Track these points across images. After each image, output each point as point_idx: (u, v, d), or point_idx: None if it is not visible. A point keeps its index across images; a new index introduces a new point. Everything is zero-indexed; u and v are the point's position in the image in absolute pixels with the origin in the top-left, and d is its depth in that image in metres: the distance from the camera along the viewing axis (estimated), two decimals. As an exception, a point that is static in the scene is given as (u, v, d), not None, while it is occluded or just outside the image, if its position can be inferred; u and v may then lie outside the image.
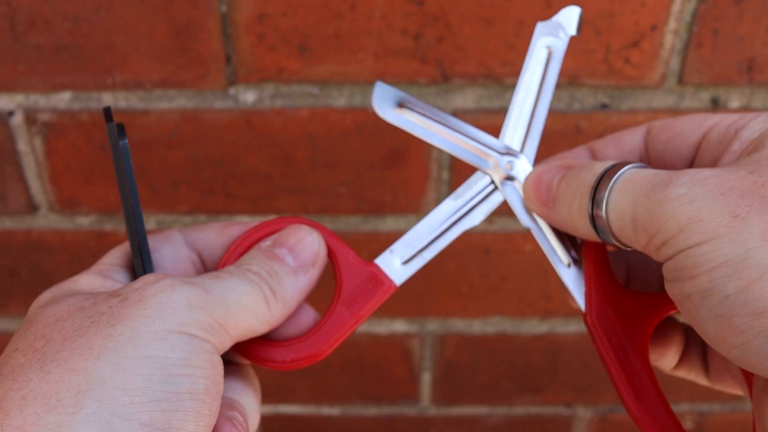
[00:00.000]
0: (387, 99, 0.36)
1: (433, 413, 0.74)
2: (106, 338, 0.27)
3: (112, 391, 0.26)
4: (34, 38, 0.50)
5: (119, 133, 0.32)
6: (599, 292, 0.35)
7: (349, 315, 0.35)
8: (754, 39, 0.50)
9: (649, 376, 0.34)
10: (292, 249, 0.34)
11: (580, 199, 0.32)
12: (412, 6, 0.49)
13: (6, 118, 0.54)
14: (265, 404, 0.73)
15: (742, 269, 0.25)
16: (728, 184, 0.27)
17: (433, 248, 0.36)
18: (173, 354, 0.28)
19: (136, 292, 0.29)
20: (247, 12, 0.50)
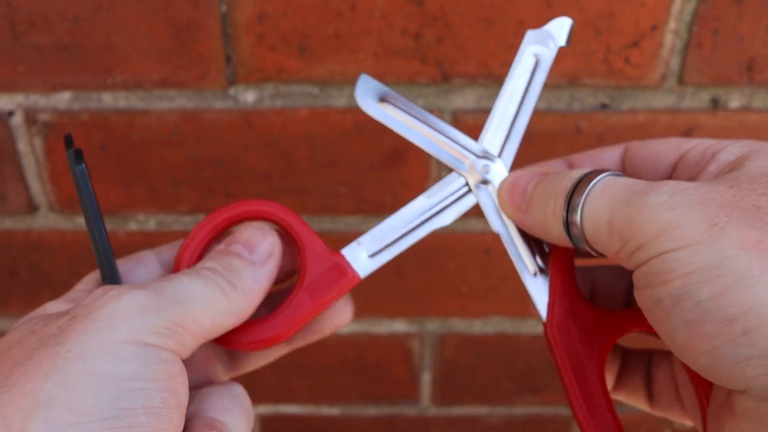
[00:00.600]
0: (370, 92, 0.36)
1: (433, 413, 0.74)
2: (54, 357, 0.26)
3: (60, 411, 0.25)
4: (34, 38, 0.50)
5: (77, 159, 0.31)
6: (562, 304, 0.35)
7: (310, 302, 0.35)
8: (754, 39, 0.50)
9: (604, 393, 0.34)
10: (247, 244, 0.34)
11: (555, 202, 0.32)
12: (412, 6, 0.49)
13: (6, 118, 0.54)
14: (264, 404, 0.73)
15: (717, 276, 0.25)
16: (708, 195, 0.27)
17: (401, 244, 0.36)
18: (124, 368, 0.27)
19: (84, 308, 0.28)
20: (247, 12, 0.50)
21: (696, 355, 0.26)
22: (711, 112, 0.54)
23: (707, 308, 0.25)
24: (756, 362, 0.24)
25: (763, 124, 0.54)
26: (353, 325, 0.66)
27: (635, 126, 0.54)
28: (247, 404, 0.34)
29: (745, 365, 0.25)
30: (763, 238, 0.25)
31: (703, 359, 0.26)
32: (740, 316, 0.24)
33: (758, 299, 0.24)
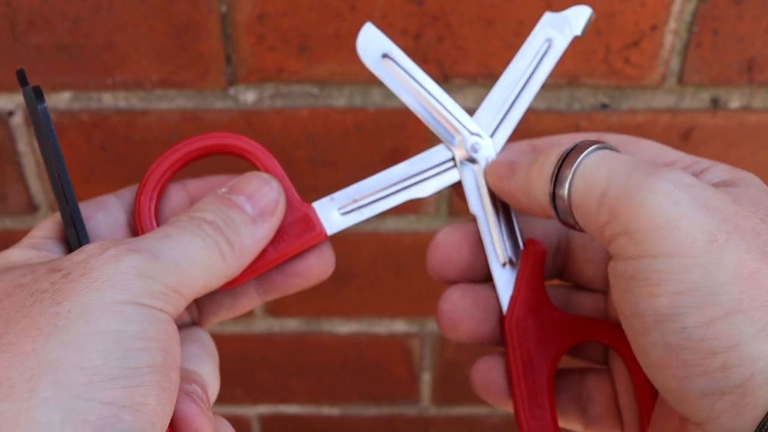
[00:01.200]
0: (373, 45, 0.34)
1: (433, 413, 0.74)
2: (55, 316, 0.25)
3: (68, 371, 0.24)
4: (34, 38, 0.50)
5: (36, 97, 0.29)
6: (525, 300, 0.34)
7: (272, 251, 0.33)
8: (754, 39, 0.51)
9: (549, 396, 0.33)
10: (251, 197, 0.32)
11: (543, 161, 0.30)
12: (412, 6, 0.49)
13: (6, 118, 0.54)
14: (264, 404, 0.73)
15: (708, 303, 0.24)
16: (713, 201, 0.26)
17: (375, 207, 0.35)
18: (129, 327, 0.26)
19: (79, 265, 0.27)
20: (247, 12, 0.50)
21: (667, 377, 0.25)
22: (711, 112, 0.54)
23: (691, 336, 0.24)
24: (726, 398, 0.24)
25: (763, 124, 0.54)
26: (353, 325, 0.66)
27: (635, 126, 0.54)
28: (213, 349, 0.34)
29: (716, 399, 0.24)
30: (758, 268, 0.24)
31: (674, 383, 0.25)
32: (724, 351, 0.24)
33: (742, 337, 0.24)
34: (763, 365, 0.24)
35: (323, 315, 0.66)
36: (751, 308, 0.24)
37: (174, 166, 0.34)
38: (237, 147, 0.34)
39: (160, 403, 0.26)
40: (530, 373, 0.33)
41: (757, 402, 0.23)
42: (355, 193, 0.35)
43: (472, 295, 0.35)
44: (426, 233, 0.59)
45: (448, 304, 0.35)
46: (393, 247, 0.60)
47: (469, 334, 0.35)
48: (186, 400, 0.29)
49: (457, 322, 0.35)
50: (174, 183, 0.35)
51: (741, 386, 0.24)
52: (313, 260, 0.35)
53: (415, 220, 0.58)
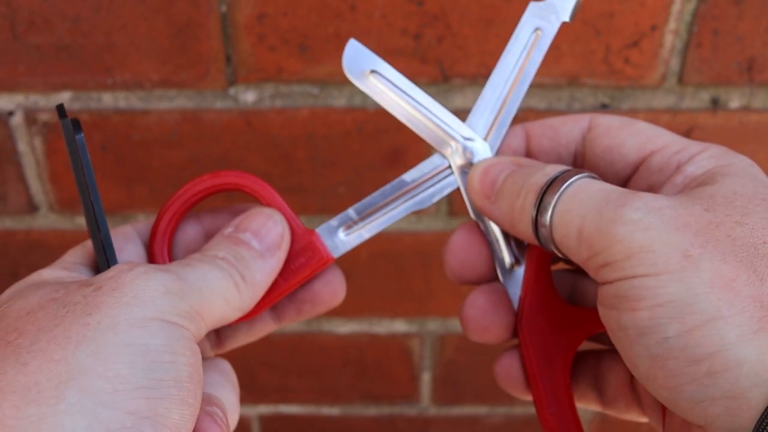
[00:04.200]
0: (358, 61, 0.34)
1: (433, 413, 0.74)
2: (84, 327, 0.26)
3: (94, 379, 0.25)
4: (34, 38, 0.50)
5: (75, 128, 0.31)
6: (534, 298, 0.34)
7: (281, 281, 0.34)
8: (754, 39, 0.51)
9: (566, 390, 0.33)
10: (257, 233, 0.33)
11: (524, 198, 0.31)
12: (412, 6, 0.49)
13: (6, 118, 0.54)
14: (264, 404, 0.73)
15: (686, 313, 0.25)
16: (684, 219, 0.26)
17: (378, 224, 0.35)
18: (155, 341, 0.27)
19: (111, 280, 0.28)
20: (247, 12, 0.50)
21: (658, 387, 0.26)
22: (711, 112, 0.54)
23: (674, 346, 0.25)
24: (718, 403, 0.24)
25: (763, 124, 0.54)
26: (353, 326, 0.66)
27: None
28: (234, 379, 0.35)
29: (707, 405, 0.25)
30: (735, 276, 0.25)
31: (665, 392, 0.26)
32: (706, 358, 0.24)
33: (725, 342, 0.24)
34: (747, 369, 0.24)
35: (323, 315, 0.66)
36: (731, 314, 0.24)
37: (184, 206, 0.35)
38: (236, 184, 0.35)
39: (183, 419, 0.27)
40: (546, 369, 0.34)
41: (750, 404, 0.24)
42: (356, 213, 0.35)
43: (494, 298, 0.35)
44: (426, 233, 0.59)
45: (473, 310, 0.36)
46: (393, 248, 0.60)
47: (496, 337, 0.36)
48: (208, 420, 0.30)
49: (485, 328, 0.35)
50: (189, 218, 0.36)
51: (730, 390, 0.24)
52: (320, 287, 0.36)
53: (415, 220, 0.58)
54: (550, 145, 0.34)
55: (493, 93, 0.34)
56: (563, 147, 0.34)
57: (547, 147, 0.34)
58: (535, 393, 0.34)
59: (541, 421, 0.33)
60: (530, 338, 0.34)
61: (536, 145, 0.35)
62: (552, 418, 0.33)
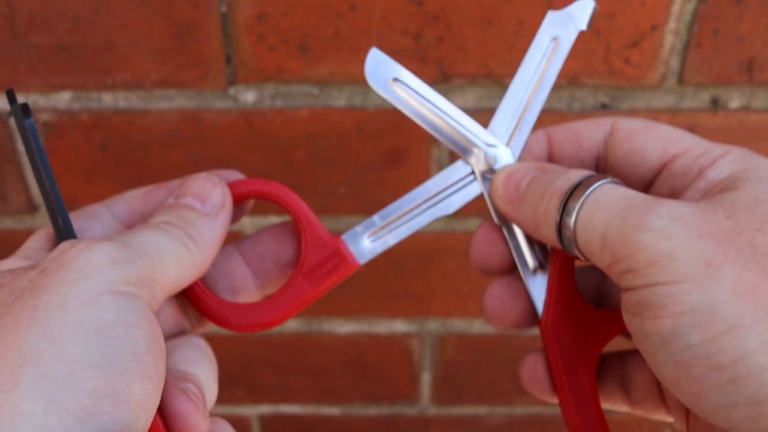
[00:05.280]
0: (380, 69, 0.35)
1: (433, 413, 0.74)
2: (34, 310, 0.26)
3: (49, 362, 0.25)
4: (34, 38, 0.50)
5: (24, 113, 0.31)
6: (558, 302, 0.34)
7: (308, 288, 0.34)
8: (754, 39, 0.51)
9: (592, 392, 0.34)
10: (198, 195, 0.33)
11: (548, 202, 0.31)
12: (412, 6, 0.49)
13: (6, 119, 0.54)
14: (265, 404, 0.73)
15: (708, 321, 0.25)
16: (706, 227, 0.26)
17: (403, 231, 0.35)
18: (107, 315, 0.26)
19: (55, 260, 0.27)
20: (247, 12, 0.50)
21: (682, 392, 0.26)
22: (711, 112, 0.54)
23: (697, 353, 0.25)
24: (741, 408, 0.25)
25: (763, 124, 0.54)
26: (353, 326, 0.66)
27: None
28: (210, 354, 0.34)
29: (731, 410, 0.25)
30: (756, 284, 0.25)
31: (689, 397, 0.26)
32: (729, 365, 0.25)
33: (747, 349, 0.24)
34: None
35: (323, 315, 0.66)
36: (753, 322, 0.24)
37: None
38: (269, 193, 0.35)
39: (145, 394, 0.26)
40: (572, 372, 0.34)
41: None
42: (381, 220, 0.35)
43: (512, 289, 0.36)
44: (426, 233, 0.59)
45: (492, 300, 0.36)
46: (393, 248, 0.60)
47: (515, 323, 0.36)
48: (181, 397, 0.29)
49: (504, 316, 0.36)
50: None
51: (753, 396, 0.24)
52: None
53: (415, 220, 0.58)
54: (573, 150, 0.35)
55: (514, 99, 0.35)
56: (585, 152, 0.34)
57: (570, 152, 0.35)
58: (561, 396, 0.34)
59: (567, 423, 0.34)
60: (556, 343, 0.34)
61: (558, 150, 0.35)
62: (579, 421, 0.34)
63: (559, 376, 0.34)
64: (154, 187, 0.35)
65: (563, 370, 0.34)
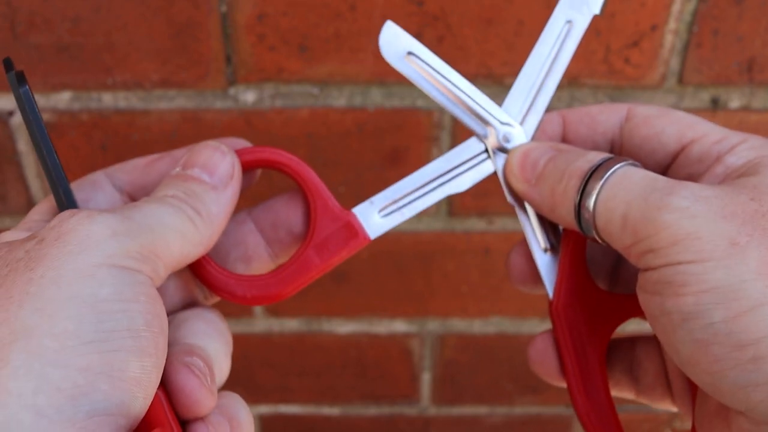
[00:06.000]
0: (395, 43, 0.34)
1: (433, 413, 0.74)
2: (27, 283, 0.24)
3: (40, 338, 0.24)
4: (33, 38, 0.50)
5: (19, 82, 0.29)
6: (569, 284, 0.34)
7: (318, 261, 0.34)
8: (754, 39, 0.51)
9: (602, 376, 0.34)
10: (206, 166, 0.31)
11: (567, 182, 0.31)
12: (412, 6, 0.49)
13: (6, 118, 0.54)
14: (265, 404, 0.73)
15: (732, 299, 0.25)
16: (730, 208, 0.26)
17: (415, 206, 0.35)
18: (103, 290, 0.25)
19: (53, 230, 0.26)
20: (247, 12, 0.50)
21: (700, 372, 0.26)
22: (711, 112, 0.54)
23: (719, 331, 0.25)
24: (761, 389, 0.24)
25: (763, 124, 0.54)
26: (353, 325, 0.66)
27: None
28: (222, 327, 0.33)
29: (750, 390, 0.25)
30: None
31: (707, 377, 0.26)
32: (752, 343, 0.24)
33: None
34: None
35: (323, 315, 0.66)
36: None
37: None
38: (279, 162, 0.35)
39: (143, 371, 0.25)
40: (582, 355, 0.34)
41: None
42: (393, 195, 0.35)
43: None
44: (426, 233, 0.59)
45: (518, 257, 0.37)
46: (393, 248, 0.60)
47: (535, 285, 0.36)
48: (184, 371, 0.28)
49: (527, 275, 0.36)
50: None
51: None
52: None
53: (416, 220, 0.58)
54: (587, 133, 0.35)
55: (527, 80, 0.35)
56: (600, 135, 0.34)
57: (584, 134, 0.35)
58: (570, 380, 0.34)
59: (575, 408, 0.34)
60: (566, 325, 0.34)
61: (573, 132, 0.35)
62: (587, 405, 0.33)
63: (569, 359, 0.34)
64: (158, 156, 0.33)
65: (573, 352, 0.34)
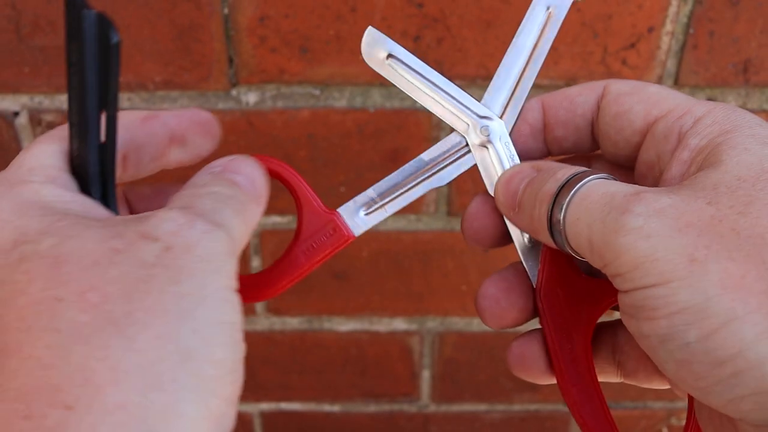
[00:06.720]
0: (376, 46, 0.35)
1: (432, 410, 0.74)
2: (178, 298, 0.23)
3: (201, 363, 0.23)
4: (38, 40, 0.51)
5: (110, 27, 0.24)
6: (552, 272, 0.34)
7: (304, 260, 0.35)
8: (750, 41, 0.51)
9: (588, 362, 0.34)
10: (249, 177, 0.31)
11: (539, 208, 0.31)
12: (412, 8, 0.50)
13: (11, 119, 0.54)
14: (266, 402, 0.73)
15: (702, 318, 0.25)
16: (685, 218, 0.26)
17: (397, 203, 0.36)
18: (237, 317, 0.24)
19: (176, 238, 0.24)
20: (248, 14, 0.50)
21: (688, 388, 0.26)
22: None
23: (696, 350, 0.25)
24: (748, 399, 0.25)
25: (759, 125, 0.54)
26: (354, 324, 0.67)
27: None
28: None
29: (738, 402, 0.25)
30: (744, 273, 0.24)
31: (696, 392, 0.26)
32: (729, 359, 0.24)
33: (745, 342, 0.24)
34: None
35: (324, 313, 0.66)
36: (746, 314, 0.24)
37: None
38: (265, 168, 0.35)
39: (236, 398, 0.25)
40: (567, 342, 0.34)
41: None
42: (376, 193, 0.36)
43: (505, 286, 0.35)
44: (426, 233, 0.60)
45: (485, 301, 0.35)
46: (393, 247, 0.60)
47: (513, 321, 0.35)
48: None
49: (500, 315, 0.35)
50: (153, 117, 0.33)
51: (757, 387, 0.24)
52: None
53: (415, 219, 0.59)
54: (567, 116, 0.34)
55: (508, 72, 0.35)
56: (580, 117, 0.34)
57: (564, 118, 0.34)
58: (557, 366, 0.34)
59: (564, 395, 0.34)
60: (549, 311, 0.34)
61: (553, 117, 0.35)
62: (574, 391, 0.34)
63: (554, 346, 0.34)
64: (149, 115, 0.31)
65: (557, 339, 0.34)
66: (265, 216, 0.59)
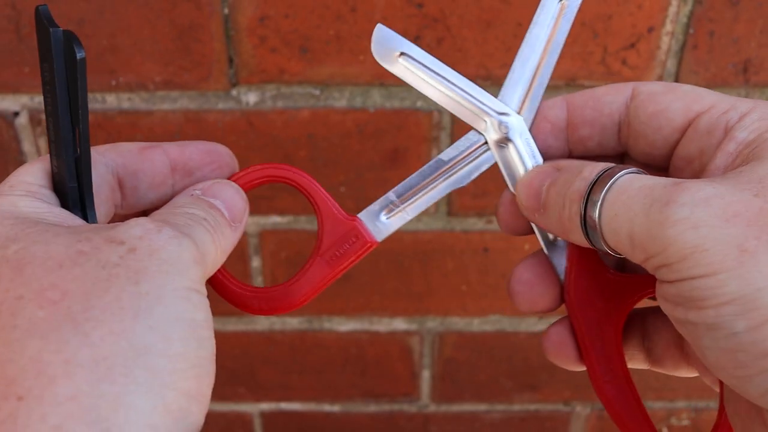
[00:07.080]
0: (387, 45, 0.34)
1: (432, 410, 0.74)
2: (136, 297, 0.24)
3: (156, 358, 0.23)
4: (38, 40, 0.51)
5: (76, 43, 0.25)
6: (579, 268, 0.34)
7: (327, 269, 0.34)
8: (750, 41, 0.51)
9: (619, 357, 0.34)
10: (226, 202, 0.32)
11: (570, 208, 0.30)
12: (412, 8, 0.50)
13: (11, 119, 0.54)
14: (266, 401, 0.73)
15: (751, 309, 0.24)
16: (733, 208, 0.26)
17: (418, 205, 0.35)
18: (198, 314, 0.25)
19: (142, 242, 0.25)
20: (248, 14, 0.50)
21: (727, 376, 0.26)
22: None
23: (743, 340, 0.25)
24: None
25: (759, 125, 0.54)
26: (354, 324, 0.67)
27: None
28: None
29: None
30: None
31: (734, 381, 0.26)
32: None
33: None
34: None
35: (324, 313, 0.66)
36: None
37: None
38: (284, 177, 0.36)
39: (209, 394, 0.26)
40: (598, 338, 0.34)
41: None
42: (396, 196, 0.35)
43: (540, 271, 0.35)
44: (426, 233, 0.60)
45: (520, 285, 0.35)
46: (393, 247, 0.61)
47: (545, 307, 0.35)
48: None
49: (533, 300, 0.35)
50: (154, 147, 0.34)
51: None
52: None
53: (415, 219, 0.59)
54: (593, 116, 0.34)
55: (523, 66, 0.34)
56: (607, 117, 0.34)
57: (590, 117, 0.34)
58: (588, 363, 0.34)
59: (596, 390, 0.34)
60: (579, 308, 0.34)
61: (578, 116, 0.34)
62: (607, 387, 0.33)
63: (584, 342, 0.34)
64: (149, 145, 0.32)
65: (587, 335, 0.34)
66: (265, 216, 0.59)
